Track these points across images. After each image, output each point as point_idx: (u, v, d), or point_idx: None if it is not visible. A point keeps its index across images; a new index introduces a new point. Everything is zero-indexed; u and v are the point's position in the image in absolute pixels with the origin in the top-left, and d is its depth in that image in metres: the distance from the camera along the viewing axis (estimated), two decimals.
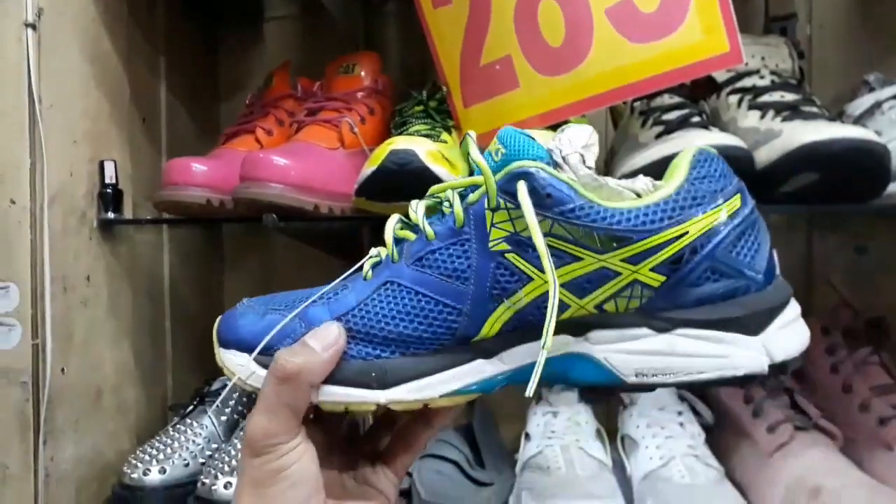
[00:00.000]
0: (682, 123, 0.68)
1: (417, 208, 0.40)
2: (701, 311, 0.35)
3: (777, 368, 0.35)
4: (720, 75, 0.76)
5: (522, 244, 0.35)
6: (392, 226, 0.41)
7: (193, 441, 0.82)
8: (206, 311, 1.03)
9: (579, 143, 0.37)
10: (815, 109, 0.67)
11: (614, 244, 0.34)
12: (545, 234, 0.35)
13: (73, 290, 0.77)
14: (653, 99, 0.75)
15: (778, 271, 0.37)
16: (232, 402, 0.88)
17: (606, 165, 0.78)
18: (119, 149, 0.85)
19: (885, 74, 0.80)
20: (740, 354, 0.35)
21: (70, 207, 0.76)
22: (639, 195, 0.36)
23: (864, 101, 0.74)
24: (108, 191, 0.80)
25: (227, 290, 1.09)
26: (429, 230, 0.38)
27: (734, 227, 0.35)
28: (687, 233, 0.34)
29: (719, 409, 0.79)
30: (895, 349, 0.79)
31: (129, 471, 0.79)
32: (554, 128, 0.70)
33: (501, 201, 0.36)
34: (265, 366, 0.37)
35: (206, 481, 0.74)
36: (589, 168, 0.36)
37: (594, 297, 0.35)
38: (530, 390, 0.33)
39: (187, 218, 0.82)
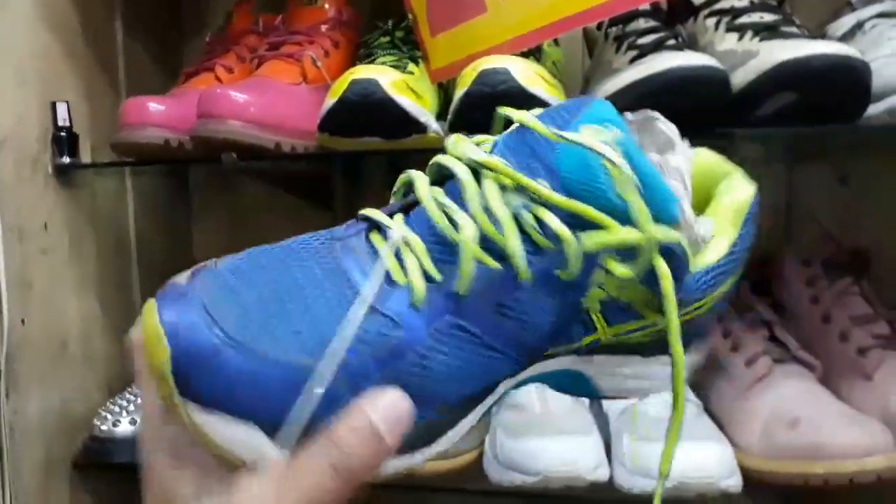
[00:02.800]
0: (657, 47, 0.65)
1: (504, 227, 0.27)
2: None
3: None
4: None
5: (614, 307, 0.29)
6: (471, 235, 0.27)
7: None
8: (175, 260, 1.00)
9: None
10: (794, 30, 0.64)
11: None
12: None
13: (30, 238, 0.74)
14: (627, 24, 0.71)
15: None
16: None
17: (582, 95, 0.75)
18: (74, 91, 0.81)
19: None
20: None
21: (21, 153, 0.73)
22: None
23: (845, 22, 0.71)
24: (62, 134, 0.77)
25: (195, 240, 1.07)
26: (523, 267, 0.27)
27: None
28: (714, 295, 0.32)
29: None
30: (877, 280, 0.77)
31: (98, 423, 0.77)
32: (525, 55, 0.66)
33: None
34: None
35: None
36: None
37: (620, 327, 0.30)
38: None
39: (146, 160, 0.79)
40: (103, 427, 0.76)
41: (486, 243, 0.27)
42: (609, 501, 0.66)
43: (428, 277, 0.27)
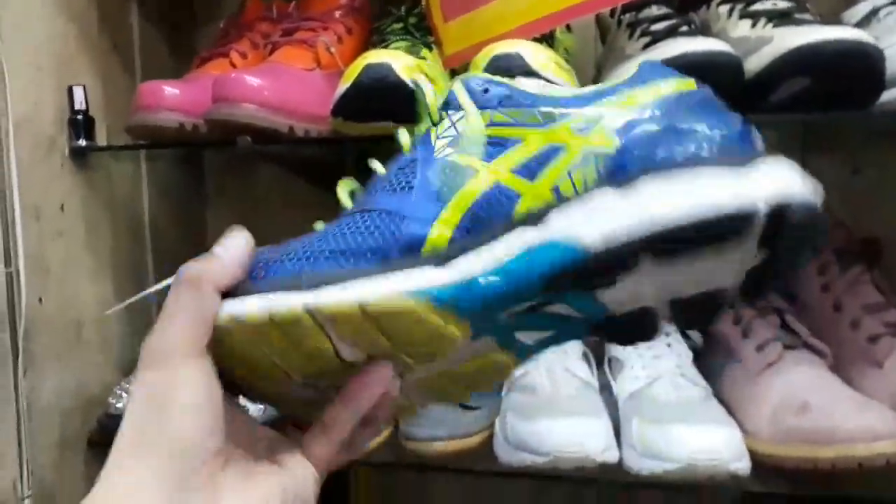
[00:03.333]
0: (671, 33, 0.65)
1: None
2: (668, 159, 0.31)
3: (776, 214, 0.29)
4: None
5: (464, 141, 0.34)
6: None
7: None
8: (189, 246, 1.01)
9: None
10: (808, 17, 0.64)
11: (557, 116, 0.33)
12: (486, 125, 0.34)
13: (47, 220, 0.75)
14: (640, 11, 0.71)
15: (760, 147, 0.33)
16: None
17: (594, 83, 0.75)
18: (90, 76, 0.82)
19: None
20: (722, 190, 0.29)
21: (38, 135, 0.74)
22: None
23: (860, 9, 0.70)
24: (79, 117, 0.77)
25: (209, 225, 1.07)
26: (378, 167, 0.37)
27: (689, 96, 0.33)
28: (636, 98, 0.33)
29: (708, 332, 0.78)
30: (888, 270, 0.77)
31: (114, 401, 0.78)
32: (537, 41, 0.67)
33: (442, 113, 0.35)
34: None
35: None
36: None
37: (546, 177, 0.32)
38: None
39: (161, 143, 0.80)
40: (118, 405, 0.77)
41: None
42: (618, 483, 0.66)
43: None
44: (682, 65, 0.58)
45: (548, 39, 0.72)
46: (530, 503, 0.95)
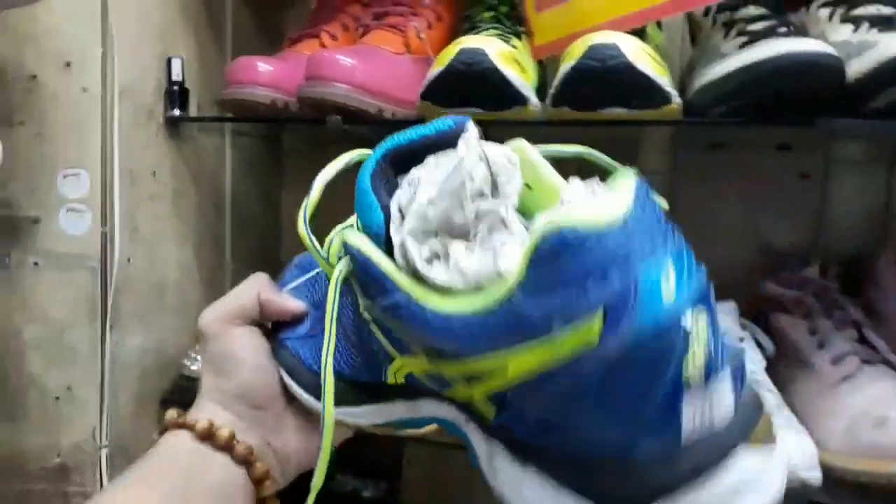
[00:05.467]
0: (769, 33, 0.64)
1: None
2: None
3: None
4: None
5: (377, 322, 0.31)
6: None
7: None
8: (266, 223, 1.04)
9: (432, 189, 0.28)
10: None
11: (437, 354, 0.28)
12: (378, 317, 0.31)
13: (140, 183, 0.78)
14: (736, 11, 0.71)
15: (702, 433, 0.24)
16: None
17: (682, 83, 0.75)
18: (185, 49, 0.85)
19: None
20: None
21: (139, 102, 0.77)
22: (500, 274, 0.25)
23: None
24: (175, 88, 0.81)
25: (284, 204, 1.10)
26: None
27: (587, 365, 0.23)
28: (507, 368, 0.25)
29: (782, 341, 0.76)
30: None
31: (188, 363, 0.81)
32: (635, 33, 0.66)
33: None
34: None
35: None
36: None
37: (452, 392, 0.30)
38: None
39: (252, 117, 0.82)
40: (193, 367, 0.80)
41: None
42: None
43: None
44: (783, 64, 0.58)
45: (639, 34, 0.71)
46: None
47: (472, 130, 0.30)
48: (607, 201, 0.23)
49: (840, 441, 0.64)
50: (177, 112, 0.81)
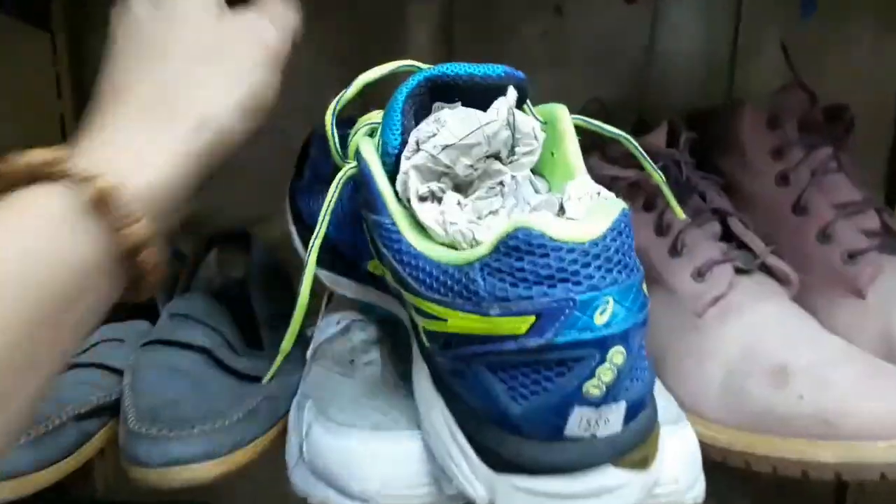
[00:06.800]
0: None
1: None
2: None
3: None
4: None
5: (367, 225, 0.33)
6: None
7: None
8: None
9: (451, 137, 0.29)
10: None
11: (400, 280, 0.30)
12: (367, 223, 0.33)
13: None
14: None
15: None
16: None
17: None
18: None
19: None
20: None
21: None
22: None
23: None
24: None
25: None
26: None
27: (508, 345, 0.25)
28: (447, 320, 0.27)
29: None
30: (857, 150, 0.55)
31: None
32: None
33: None
34: None
35: None
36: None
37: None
38: None
39: None
40: None
41: None
42: None
43: None
44: None
45: None
46: None
47: (510, 95, 0.30)
48: (583, 224, 0.25)
49: (718, 403, 0.42)
50: None
